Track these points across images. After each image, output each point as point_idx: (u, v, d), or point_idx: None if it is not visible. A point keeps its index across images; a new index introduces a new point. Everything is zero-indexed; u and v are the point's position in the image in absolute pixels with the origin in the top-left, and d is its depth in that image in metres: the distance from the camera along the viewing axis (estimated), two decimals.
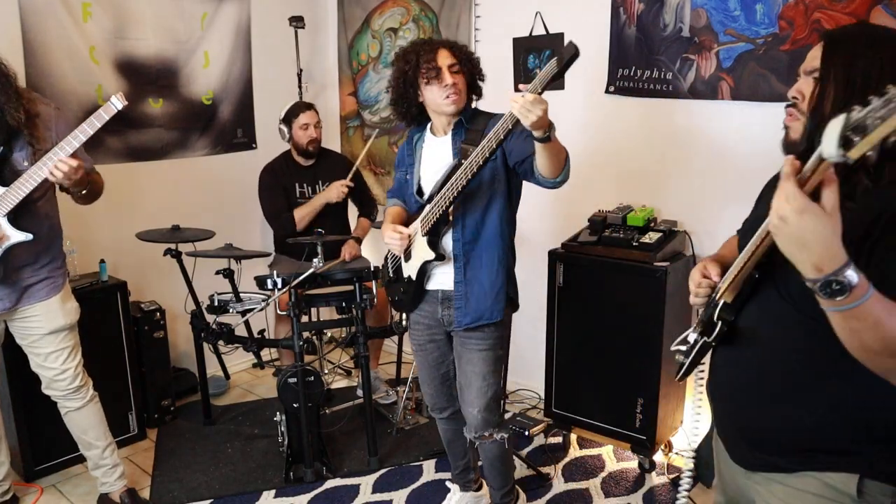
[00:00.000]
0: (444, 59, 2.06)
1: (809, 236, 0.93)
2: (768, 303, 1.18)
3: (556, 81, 1.69)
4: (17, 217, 2.19)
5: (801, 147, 1.14)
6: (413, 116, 2.19)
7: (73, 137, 2.14)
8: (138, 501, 2.64)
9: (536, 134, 1.72)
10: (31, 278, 2.31)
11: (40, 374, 2.42)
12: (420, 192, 2.18)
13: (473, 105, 2.21)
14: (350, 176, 3.43)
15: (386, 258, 2.42)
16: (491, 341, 2.16)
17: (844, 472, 1.12)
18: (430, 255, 2.08)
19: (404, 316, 2.34)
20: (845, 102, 0.99)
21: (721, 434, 1.36)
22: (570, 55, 1.62)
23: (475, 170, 1.90)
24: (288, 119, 3.42)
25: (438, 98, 2.07)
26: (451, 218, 2.09)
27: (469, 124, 2.11)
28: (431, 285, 2.21)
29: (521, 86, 1.69)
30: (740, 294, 1.23)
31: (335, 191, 3.39)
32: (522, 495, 2.63)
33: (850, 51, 1.10)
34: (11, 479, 2.62)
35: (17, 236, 2.18)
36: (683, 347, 1.39)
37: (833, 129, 0.86)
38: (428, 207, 2.08)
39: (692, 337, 1.36)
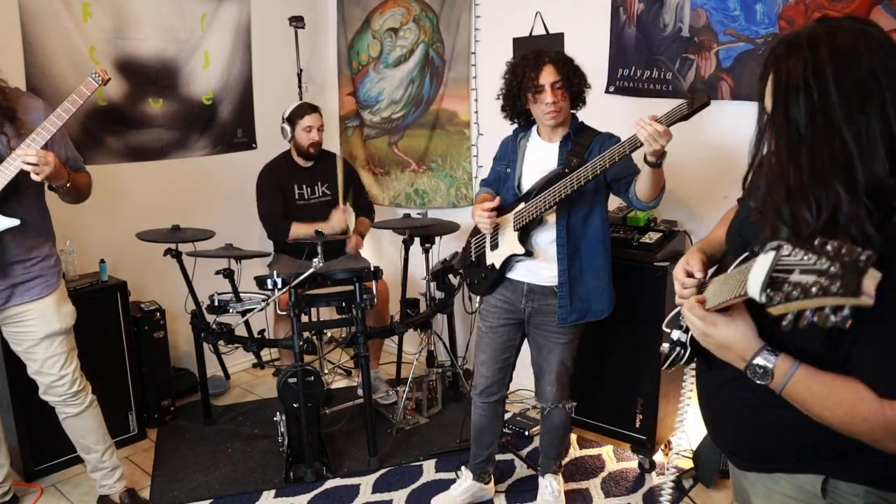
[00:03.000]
0: (548, 76, 2.18)
1: (729, 340, 1.09)
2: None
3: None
4: (4, 206, 2.14)
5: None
6: (521, 120, 2.37)
7: (49, 122, 2.10)
8: (138, 501, 2.64)
9: (650, 159, 1.94)
10: (22, 275, 2.26)
11: (38, 379, 2.39)
12: (520, 187, 2.33)
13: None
14: (342, 203, 3.46)
15: (469, 243, 2.56)
16: (571, 335, 2.36)
17: (811, 473, 1.14)
18: (520, 249, 2.26)
19: (477, 298, 2.62)
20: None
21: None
22: (700, 103, 1.82)
23: (583, 182, 2.06)
24: (292, 119, 3.42)
25: (540, 113, 2.24)
26: (544, 219, 2.25)
27: (576, 137, 2.27)
28: (516, 275, 2.35)
29: (650, 116, 1.88)
30: None
31: (337, 223, 3.40)
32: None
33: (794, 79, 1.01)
34: (12, 479, 2.61)
35: (2, 223, 2.13)
36: (671, 333, 1.37)
37: (758, 274, 0.87)
38: (523, 205, 2.24)
39: (676, 335, 1.36)
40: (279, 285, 2.86)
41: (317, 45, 4.16)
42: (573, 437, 3.07)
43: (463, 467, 2.71)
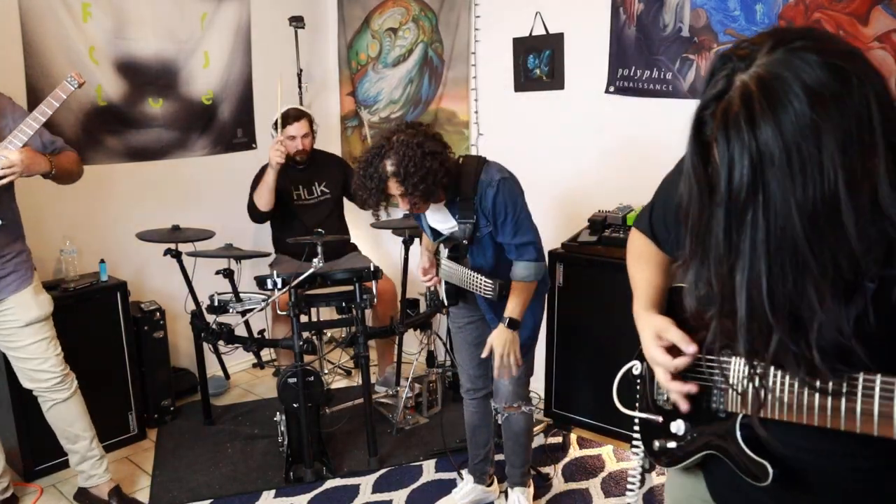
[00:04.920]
0: (394, 188, 2.03)
1: None
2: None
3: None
4: None
5: None
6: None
7: (27, 125, 2.13)
8: (126, 500, 2.64)
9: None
10: None
11: (22, 368, 2.41)
12: (436, 234, 2.33)
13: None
14: (280, 134, 3.36)
15: (427, 289, 2.55)
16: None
17: None
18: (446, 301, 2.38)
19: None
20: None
21: None
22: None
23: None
24: (277, 128, 3.44)
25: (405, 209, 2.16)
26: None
27: (458, 195, 2.14)
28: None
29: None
30: None
31: (272, 154, 3.29)
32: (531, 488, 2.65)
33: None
34: (10, 477, 2.61)
35: None
36: (666, 431, 1.10)
37: None
38: (444, 262, 2.30)
39: (679, 427, 1.09)
40: (279, 285, 2.86)
41: (317, 45, 4.16)
42: (573, 437, 3.08)
43: (464, 472, 2.71)
